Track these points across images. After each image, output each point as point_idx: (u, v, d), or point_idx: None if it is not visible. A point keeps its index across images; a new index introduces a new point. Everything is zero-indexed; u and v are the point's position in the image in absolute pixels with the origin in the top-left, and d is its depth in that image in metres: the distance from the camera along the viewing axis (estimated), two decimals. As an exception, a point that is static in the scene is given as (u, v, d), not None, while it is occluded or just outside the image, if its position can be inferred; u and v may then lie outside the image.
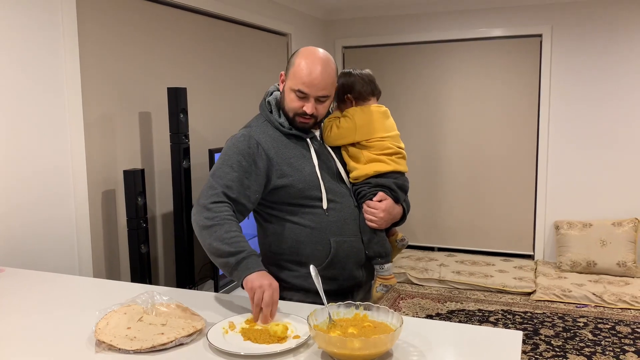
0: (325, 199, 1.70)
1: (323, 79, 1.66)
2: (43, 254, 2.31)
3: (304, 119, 1.70)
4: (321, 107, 1.71)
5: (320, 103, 1.70)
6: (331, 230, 1.70)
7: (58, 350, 1.27)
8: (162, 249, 3.06)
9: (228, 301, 1.59)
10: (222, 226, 1.57)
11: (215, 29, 3.53)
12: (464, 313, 3.85)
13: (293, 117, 1.71)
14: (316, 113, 1.70)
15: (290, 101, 1.70)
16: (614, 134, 4.54)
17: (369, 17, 5.15)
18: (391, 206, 1.78)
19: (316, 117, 1.72)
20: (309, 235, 1.70)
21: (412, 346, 1.27)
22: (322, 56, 1.70)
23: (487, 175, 4.99)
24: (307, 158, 1.73)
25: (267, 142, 1.71)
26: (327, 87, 1.68)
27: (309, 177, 1.70)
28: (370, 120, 1.79)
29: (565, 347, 3.29)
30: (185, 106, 2.77)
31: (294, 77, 1.68)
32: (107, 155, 2.70)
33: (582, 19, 4.53)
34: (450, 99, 5.03)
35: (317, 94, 1.67)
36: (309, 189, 1.69)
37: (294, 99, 1.68)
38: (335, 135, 1.78)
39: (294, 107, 1.69)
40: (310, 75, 1.65)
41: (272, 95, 1.80)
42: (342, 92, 1.82)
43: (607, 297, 3.91)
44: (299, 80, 1.66)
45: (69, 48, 2.41)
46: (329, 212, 1.70)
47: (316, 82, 1.65)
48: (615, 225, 4.41)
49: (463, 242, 5.13)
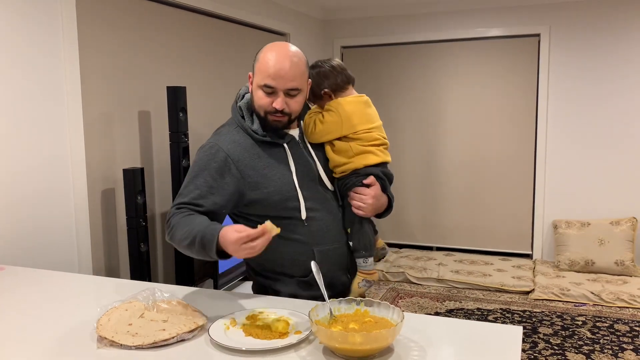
0: (304, 208, 1.62)
1: (290, 70, 1.55)
2: (43, 252, 2.31)
3: (275, 117, 1.59)
4: (292, 103, 1.59)
5: (291, 97, 1.58)
6: (313, 240, 1.64)
7: (60, 347, 1.27)
8: (161, 248, 3.06)
9: (229, 298, 1.60)
10: (177, 227, 1.52)
11: (214, 28, 3.53)
12: (463, 312, 3.86)
13: (265, 116, 1.60)
14: (288, 109, 1.58)
15: (258, 99, 1.59)
16: (612, 133, 4.56)
17: (368, 17, 5.16)
18: (379, 193, 1.71)
19: (289, 115, 1.60)
20: (291, 247, 1.63)
21: (412, 341, 1.27)
22: (288, 47, 1.59)
23: (486, 175, 5.00)
24: (284, 165, 1.64)
25: (238, 152, 1.61)
26: (295, 79, 1.56)
27: (285, 187, 1.61)
28: (355, 111, 1.72)
29: (564, 345, 3.30)
30: (184, 105, 2.77)
31: (259, 73, 1.57)
32: (107, 153, 2.70)
33: (580, 19, 4.55)
34: (449, 98, 5.04)
35: (286, 87, 1.56)
36: (286, 200, 1.61)
37: (262, 95, 1.58)
38: (320, 131, 1.70)
39: (263, 104, 1.58)
40: (275, 66, 1.54)
41: (243, 99, 1.69)
42: (318, 87, 1.73)
43: (605, 295, 3.93)
44: (265, 74, 1.55)
45: (69, 47, 2.41)
46: (308, 221, 1.63)
47: (282, 73, 1.54)
48: (613, 224, 4.42)
49: (461, 241, 5.14)
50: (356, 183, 1.69)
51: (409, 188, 5.19)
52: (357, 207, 1.68)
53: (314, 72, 1.74)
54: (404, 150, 5.18)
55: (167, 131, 2.87)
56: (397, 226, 5.29)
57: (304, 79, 1.61)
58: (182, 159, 2.77)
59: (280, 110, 1.57)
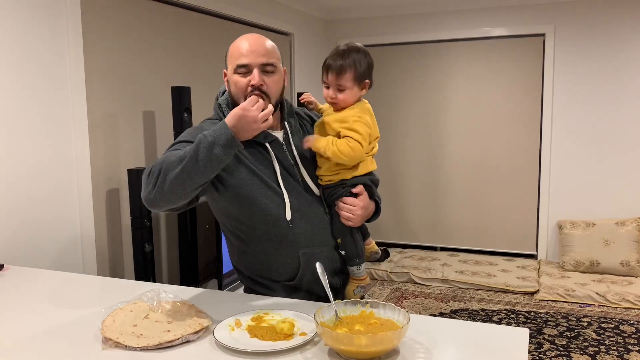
0: (289, 209, 1.56)
1: (261, 45, 1.53)
2: (47, 252, 2.31)
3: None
4: (270, 81, 1.53)
5: (267, 75, 1.53)
6: (299, 243, 1.58)
7: (64, 347, 1.27)
8: (165, 248, 3.06)
9: (233, 299, 1.59)
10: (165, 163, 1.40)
11: (218, 28, 3.53)
12: (467, 312, 3.85)
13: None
14: (265, 88, 1.51)
15: (235, 84, 1.54)
16: (617, 133, 4.54)
17: (371, 17, 5.15)
18: (368, 202, 1.66)
19: (269, 97, 1.52)
20: (276, 249, 1.58)
21: (418, 343, 1.27)
22: (256, 33, 1.59)
23: (490, 175, 4.98)
24: (267, 166, 1.59)
25: None
26: (268, 54, 1.53)
27: (267, 188, 1.57)
28: (373, 121, 1.65)
29: (569, 346, 3.28)
30: (189, 105, 2.77)
31: (232, 59, 1.56)
32: (111, 154, 2.70)
33: (586, 18, 4.53)
34: (453, 98, 5.03)
35: (259, 62, 1.51)
36: (268, 200, 1.56)
37: (238, 79, 1.53)
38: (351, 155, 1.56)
39: (241, 87, 1.52)
40: (244, 46, 1.53)
41: (223, 96, 1.65)
42: (363, 74, 1.59)
43: (610, 296, 3.91)
44: (237, 55, 1.53)
45: (73, 47, 2.41)
46: (293, 223, 1.57)
47: (253, 47, 1.52)
48: (618, 224, 4.40)
49: (466, 241, 5.13)
50: (344, 193, 1.63)
51: (413, 188, 5.18)
52: (347, 219, 1.61)
53: (363, 56, 1.61)
54: (408, 151, 5.17)
55: (171, 131, 2.87)
56: (401, 226, 5.28)
57: (277, 58, 1.57)
58: (186, 159, 2.77)
59: (258, 86, 1.51)
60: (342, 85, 1.58)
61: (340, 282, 1.71)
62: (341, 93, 1.59)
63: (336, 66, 1.57)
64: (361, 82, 1.61)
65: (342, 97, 1.59)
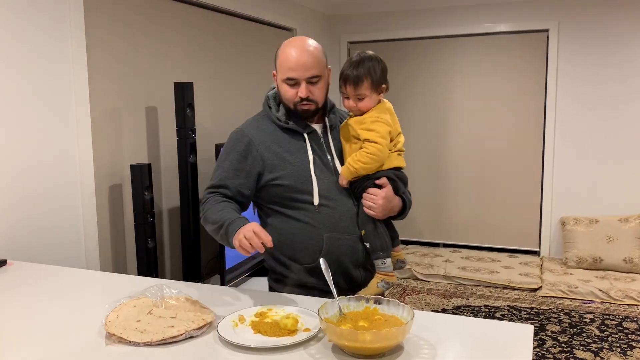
0: (317, 195, 1.69)
1: (307, 60, 1.67)
2: (50, 248, 2.31)
3: (303, 106, 1.70)
4: (315, 90, 1.70)
5: (313, 85, 1.69)
6: (325, 227, 1.69)
7: (68, 343, 1.27)
8: (168, 244, 3.06)
9: (237, 294, 1.59)
10: (210, 210, 1.66)
11: (221, 24, 3.52)
12: (470, 309, 3.85)
13: (294, 108, 1.72)
14: (312, 96, 1.69)
15: (284, 92, 1.72)
16: (621, 129, 4.52)
17: (374, 12, 5.14)
18: (391, 195, 1.72)
19: (316, 102, 1.71)
20: (302, 230, 1.70)
21: (422, 339, 1.26)
22: (303, 40, 1.72)
23: (493, 171, 4.97)
24: (303, 154, 1.72)
25: (261, 137, 1.73)
26: (313, 67, 1.67)
27: (300, 173, 1.70)
28: (394, 118, 1.75)
29: (572, 343, 3.28)
30: (191, 101, 2.76)
31: (281, 69, 1.70)
32: (114, 149, 2.70)
33: (590, 14, 4.50)
34: (456, 94, 5.01)
35: (306, 76, 1.67)
36: (300, 184, 1.69)
37: (287, 88, 1.70)
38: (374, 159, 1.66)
39: (290, 96, 1.70)
40: (293, 59, 1.67)
41: (272, 90, 1.82)
42: (379, 80, 1.69)
43: (613, 293, 3.90)
44: (285, 68, 1.68)
45: (76, 43, 2.41)
46: (320, 208, 1.69)
47: (301, 63, 1.66)
48: (621, 221, 4.39)
49: (468, 238, 5.12)
50: (369, 185, 1.71)
51: (415, 184, 5.17)
52: (368, 207, 1.70)
53: (377, 63, 1.71)
54: (411, 147, 5.16)
55: (174, 127, 2.86)
56: (404, 222, 5.22)
57: (322, 66, 1.71)
58: (189, 154, 2.77)
59: (305, 97, 1.68)
60: (360, 94, 1.69)
61: (362, 275, 1.76)
62: (361, 102, 1.70)
63: (353, 77, 1.68)
64: (378, 88, 1.71)
65: (362, 104, 1.70)
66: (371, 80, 1.68)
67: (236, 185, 1.70)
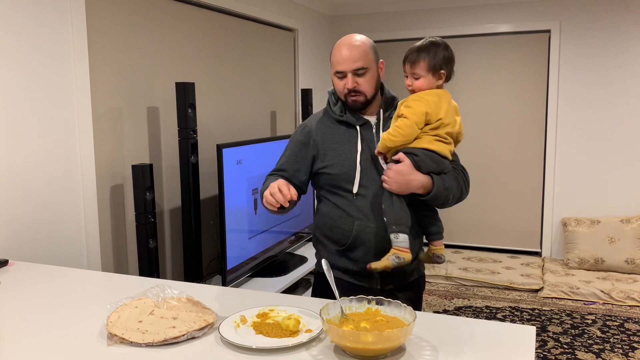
0: (357, 184, 1.80)
1: (352, 53, 1.78)
2: (51, 248, 2.31)
3: (352, 97, 1.82)
4: (362, 81, 1.80)
5: (359, 76, 1.80)
6: (357, 215, 1.81)
7: (69, 343, 1.27)
8: (169, 244, 3.06)
9: (238, 295, 1.59)
10: (263, 187, 1.86)
11: (223, 24, 3.52)
12: (472, 309, 3.84)
13: (345, 99, 1.85)
14: (359, 88, 1.80)
15: (336, 85, 1.86)
16: (622, 130, 4.52)
17: (376, 13, 5.13)
18: (407, 170, 1.70)
19: (364, 94, 1.81)
20: (338, 216, 1.85)
21: (424, 341, 1.26)
22: (351, 36, 1.85)
23: (495, 172, 4.97)
24: (352, 145, 1.84)
25: (319, 128, 1.90)
26: (359, 59, 1.78)
27: (347, 163, 1.82)
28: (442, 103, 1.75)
29: (573, 344, 3.27)
30: (193, 101, 2.76)
31: (332, 64, 1.84)
32: (116, 149, 2.70)
33: (592, 15, 4.50)
34: (457, 95, 5.00)
35: (352, 68, 1.78)
36: (345, 173, 1.82)
37: (337, 81, 1.84)
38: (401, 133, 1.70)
39: (340, 88, 1.84)
40: (340, 54, 1.80)
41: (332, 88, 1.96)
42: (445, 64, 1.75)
43: (615, 294, 3.89)
44: (334, 63, 1.82)
45: (78, 43, 2.41)
46: (357, 197, 1.81)
47: (346, 56, 1.79)
48: (623, 222, 4.38)
49: (470, 238, 5.12)
50: (391, 160, 1.77)
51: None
52: (383, 180, 1.75)
53: (440, 48, 1.79)
54: (412, 147, 5.15)
55: (175, 127, 2.86)
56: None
57: (368, 59, 1.81)
58: (190, 155, 2.77)
59: (352, 89, 1.80)
60: (416, 73, 1.76)
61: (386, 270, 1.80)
62: (416, 81, 1.76)
63: (412, 57, 1.78)
64: (436, 72, 1.75)
65: (417, 84, 1.76)
66: (428, 62, 1.74)
67: (294, 170, 1.90)
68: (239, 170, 2.91)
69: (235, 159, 2.88)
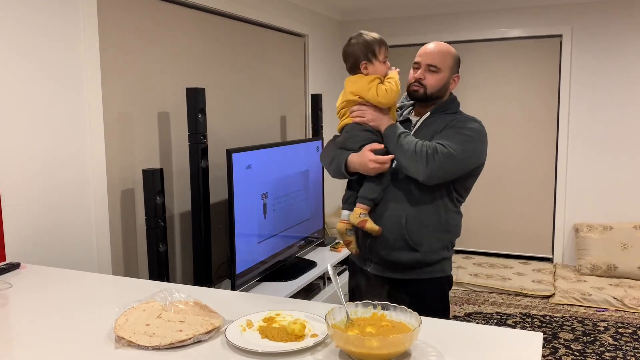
0: (388, 178, 1.95)
1: (434, 51, 1.96)
2: (63, 251, 2.34)
3: (414, 86, 1.97)
4: (430, 77, 1.94)
5: (430, 73, 1.94)
6: (380, 204, 1.96)
7: (78, 346, 1.28)
8: (179, 248, 3.08)
9: (245, 299, 1.60)
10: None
11: (233, 30, 3.55)
12: (482, 316, 3.82)
13: (408, 89, 2.00)
14: (424, 81, 1.95)
15: (409, 75, 2.01)
16: (635, 135, 4.47)
17: (385, 18, 5.14)
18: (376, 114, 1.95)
19: (425, 87, 1.95)
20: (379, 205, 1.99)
21: (430, 346, 1.26)
22: (440, 42, 2.02)
23: (506, 177, 4.94)
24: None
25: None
26: (436, 59, 1.94)
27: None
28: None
29: (585, 351, 3.24)
30: (203, 106, 2.78)
31: (416, 56, 2.00)
32: (126, 154, 2.73)
33: (603, 19, 4.47)
34: (468, 100, 4.99)
35: (427, 62, 1.94)
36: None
37: (411, 71, 2.00)
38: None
39: (410, 77, 2.00)
40: (426, 47, 1.98)
41: None
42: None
43: (628, 301, 3.85)
44: (416, 55, 2.00)
45: (90, 48, 2.44)
46: (387, 188, 1.97)
47: (427, 50, 1.96)
48: (636, 228, 4.33)
49: (481, 244, 5.09)
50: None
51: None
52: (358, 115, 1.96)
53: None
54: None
55: (186, 132, 2.88)
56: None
57: (445, 64, 1.96)
58: (200, 159, 2.78)
59: (418, 79, 1.95)
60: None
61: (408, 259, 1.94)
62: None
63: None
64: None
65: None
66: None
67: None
68: (249, 175, 2.93)
69: (245, 164, 2.90)
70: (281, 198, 3.25)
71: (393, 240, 1.92)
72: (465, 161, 1.90)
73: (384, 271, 1.98)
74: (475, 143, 1.93)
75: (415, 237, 1.91)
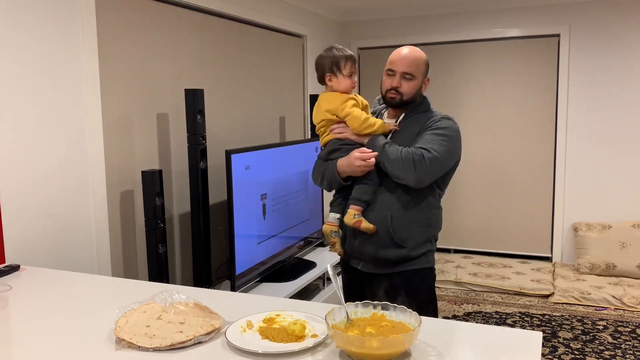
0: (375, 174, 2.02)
1: (407, 57, 2.00)
2: (62, 253, 2.34)
3: (390, 94, 2.02)
4: (406, 84, 1.99)
5: (405, 80, 1.99)
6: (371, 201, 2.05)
7: (78, 348, 1.28)
8: (179, 249, 3.08)
9: (245, 300, 1.60)
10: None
11: (231, 31, 3.55)
12: (481, 315, 3.82)
13: (384, 95, 2.05)
14: (401, 89, 1.99)
15: (383, 83, 2.05)
16: (633, 134, 4.48)
17: (384, 19, 5.15)
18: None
19: (401, 95, 2.00)
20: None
21: (430, 346, 1.26)
22: (411, 47, 2.06)
23: (505, 177, 4.95)
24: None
25: None
26: (411, 66, 1.99)
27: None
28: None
29: (584, 350, 3.25)
30: (202, 107, 2.78)
31: (387, 63, 2.04)
32: (126, 155, 2.73)
33: (601, 19, 4.48)
34: (467, 100, 5.00)
35: (402, 70, 1.98)
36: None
37: (385, 79, 2.04)
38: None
39: (385, 85, 2.04)
40: (399, 54, 2.02)
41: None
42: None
43: (627, 300, 3.86)
44: (389, 61, 2.03)
45: (88, 49, 2.44)
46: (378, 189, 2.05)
47: (401, 57, 2.00)
48: (635, 227, 4.34)
49: (480, 243, 5.09)
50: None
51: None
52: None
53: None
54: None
55: (185, 133, 2.88)
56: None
57: (419, 70, 2.01)
58: (200, 160, 2.79)
59: (394, 87, 1.99)
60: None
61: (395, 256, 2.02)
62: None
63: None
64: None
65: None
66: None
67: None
68: (248, 176, 2.93)
69: (244, 165, 2.90)
70: (280, 198, 3.25)
71: (380, 239, 2.01)
72: (448, 160, 2.01)
73: (373, 268, 2.08)
74: (454, 141, 2.02)
75: (401, 234, 2.01)
